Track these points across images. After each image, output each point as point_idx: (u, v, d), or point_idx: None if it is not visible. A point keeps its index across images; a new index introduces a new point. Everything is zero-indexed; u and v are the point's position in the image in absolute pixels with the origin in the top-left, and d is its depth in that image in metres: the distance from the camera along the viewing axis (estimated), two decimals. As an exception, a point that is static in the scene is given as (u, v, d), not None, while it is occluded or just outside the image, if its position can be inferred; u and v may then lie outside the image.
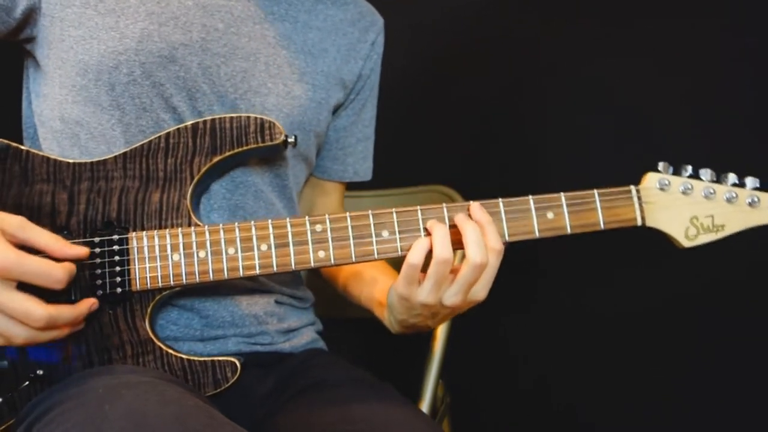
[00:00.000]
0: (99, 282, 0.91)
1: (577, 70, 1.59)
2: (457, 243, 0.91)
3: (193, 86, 0.98)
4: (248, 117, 0.97)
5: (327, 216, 0.95)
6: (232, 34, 1.02)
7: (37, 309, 0.79)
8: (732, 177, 1.01)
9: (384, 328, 1.03)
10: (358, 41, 1.15)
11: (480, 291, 0.91)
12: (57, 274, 0.81)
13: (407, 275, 0.90)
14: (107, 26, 0.96)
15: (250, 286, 1.04)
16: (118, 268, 0.91)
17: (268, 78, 1.03)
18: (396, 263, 1.03)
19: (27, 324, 0.79)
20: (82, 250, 0.87)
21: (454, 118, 1.70)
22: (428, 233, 0.92)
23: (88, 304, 0.87)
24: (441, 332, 1.24)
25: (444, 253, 0.89)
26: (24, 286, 0.80)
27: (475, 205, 0.93)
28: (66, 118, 0.99)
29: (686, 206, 1.00)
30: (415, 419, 0.91)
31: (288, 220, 0.94)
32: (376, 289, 1.06)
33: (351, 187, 1.27)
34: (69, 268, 0.83)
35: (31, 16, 0.98)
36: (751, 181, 1.01)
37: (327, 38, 1.11)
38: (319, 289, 1.22)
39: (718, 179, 1.01)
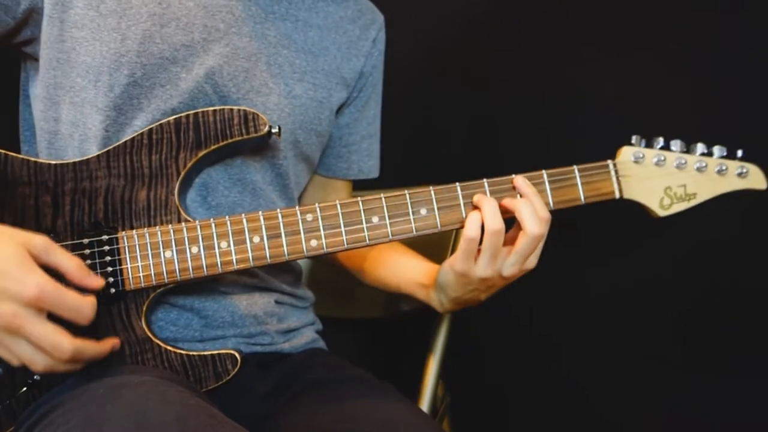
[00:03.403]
0: None
1: (576, 70, 1.57)
2: (504, 213, 0.96)
3: (195, 87, 0.97)
4: (231, 109, 0.96)
5: (317, 205, 0.95)
6: (233, 34, 1.01)
7: (65, 343, 0.77)
8: (701, 147, 1.06)
9: (384, 328, 1.04)
10: (359, 39, 1.15)
11: (533, 260, 0.97)
12: (87, 311, 0.78)
13: (466, 250, 0.94)
14: (109, 27, 0.95)
15: (250, 284, 1.03)
16: (110, 269, 0.91)
17: (270, 78, 1.03)
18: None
19: (52, 355, 0.77)
20: (99, 282, 0.84)
21: (451, 118, 1.69)
22: (474, 207, 0.97)
23: (112, 343, 0.86)
24: (441, 332, 1.24)
25: (496, 225, 0.93)
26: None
27: (520, 179, 0.98)
28: (62, 119, 0.97)
29: (660, 177, 1.04)
30: (415, 419, 0.91)
31: (279, 211, 0.94)
32: (414, 271, 1.09)
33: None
34: (95, 304, 0.80)
35: (31, 16, 0.96)
36: (718, 150, 1.06)
37: (327, 36, 1.11)
38: (319, 289, 1.21)
39: (688, 149, 1.06)
